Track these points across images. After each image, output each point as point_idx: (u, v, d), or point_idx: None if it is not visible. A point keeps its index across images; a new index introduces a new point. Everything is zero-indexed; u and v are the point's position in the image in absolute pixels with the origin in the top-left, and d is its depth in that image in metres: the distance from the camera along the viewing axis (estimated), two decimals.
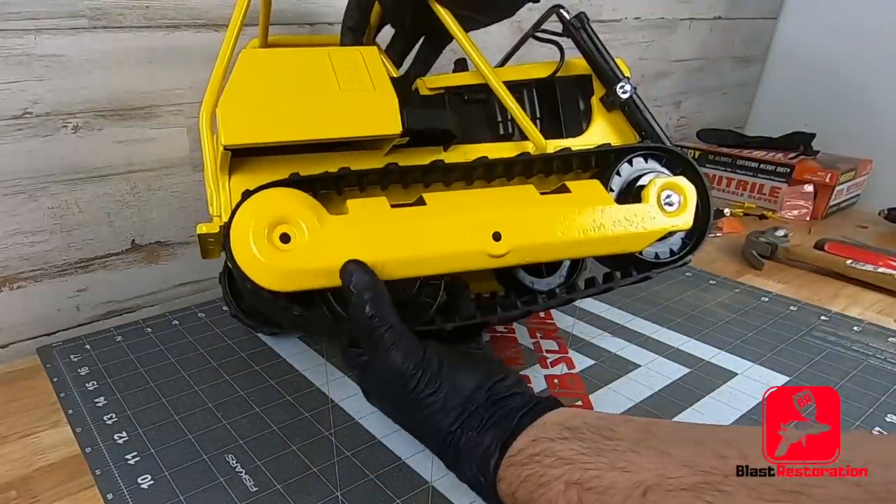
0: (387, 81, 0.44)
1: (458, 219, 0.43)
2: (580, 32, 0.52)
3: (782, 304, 0.69)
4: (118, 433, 0.46)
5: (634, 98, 0.52)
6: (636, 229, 0.47)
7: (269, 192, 0.40)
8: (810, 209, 0.98)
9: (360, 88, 0.43)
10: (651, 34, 1.05)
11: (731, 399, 0.51)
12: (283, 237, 0.39)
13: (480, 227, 0.43)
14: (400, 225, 0.42)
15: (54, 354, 0.57)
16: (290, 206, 0.40)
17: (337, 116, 0.43)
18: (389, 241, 0.42)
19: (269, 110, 0.41)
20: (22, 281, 0.58)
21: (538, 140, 0.49)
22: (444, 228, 0.43)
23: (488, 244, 0.43)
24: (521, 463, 0.32)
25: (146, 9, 0.57)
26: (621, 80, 0.51)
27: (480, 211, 0.44)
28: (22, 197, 0.56)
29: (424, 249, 0.42)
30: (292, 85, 0.43)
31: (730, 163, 1.06)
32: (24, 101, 0.54)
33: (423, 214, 0.43)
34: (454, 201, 0.44)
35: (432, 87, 0.51)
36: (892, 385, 0.53)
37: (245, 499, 0.40)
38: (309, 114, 0.42)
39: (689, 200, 0.49)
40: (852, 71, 1.17)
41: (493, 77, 0.48)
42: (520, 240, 0.44)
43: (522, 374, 0.54)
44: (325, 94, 0.43)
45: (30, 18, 0.52)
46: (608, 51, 0.52)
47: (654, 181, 0.48)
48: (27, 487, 0.42)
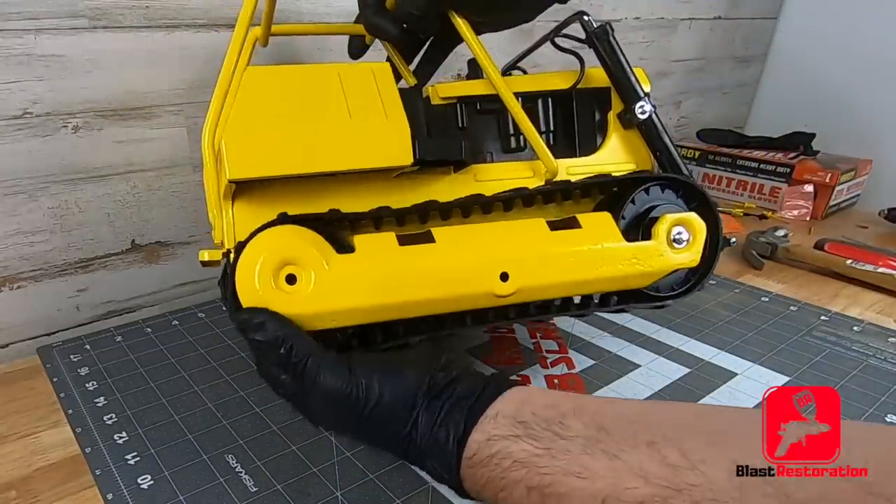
0: (399, 106, 0.43)
1: (466, 258, 0.42)
2: (604, 44, 0.49)
3: (782, 304, 0.69)
4: (118, 433, 0.46)
5: (653, 118, 0.50)
6: (643, 268, 0.47)
7: (275, 231, 0.39)
8: (810, 209, 0.98)
9: (372, 116, 0.42)
10: (651, 34, 1.05)
11: (731, 399, 0.51)
12: (288, 278, 0.39)
13: (488, 268, 0.43)
14: (408, 266, 0.41)
15: (54, 354, 0.57)
16: (297, 247, 0.39)
17: (347, 147, 0.41)
18: (397, 283, 0.41)
19: (275, 141, 0.40)
20: (22, 281, 0.58)
21: (549, 162, 0.48)
22: (452, 269, 0.42)
23: (495, 285, 0.43)
24: (480, 464, 0.32)
25: (146, 9, 0.57)
26: (642, 99, 0.49)
27: (489, 249, 0.43)
28: (22, 197, 0.56)
29: (432, 292, 0.42)
30: (300, 110, 0.41)
31: (730, 163, 1.06)
32: (24, 101, 0.54)
33: (432, 253, 0.42)
34: (463, 238, 0.43)
35: (444, 95, 0.49)
36: (892, 385, 0.53)
37: (245, 499, 0.40)
38: (318, 144, 0.41)
39: (698, 238, 0.48)
40: (852, 71, 1.17)
41: (507, 93, 0.46)
42: (527, 281, 0.44)
43: (522, 374, 0.54)
44: (335, 121, 0.41)
45: (30, 18, 0.52)
46: (630, 65, 0.50)
47: (665, 217, 0.47)
48: (27, 487, 0.42)
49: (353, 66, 0.44)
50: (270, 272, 0.38)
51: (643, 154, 0.52)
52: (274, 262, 0.38)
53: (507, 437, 0.32)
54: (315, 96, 0.42)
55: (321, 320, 0.40)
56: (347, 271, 0.40)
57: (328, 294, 0.39)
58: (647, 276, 0.48)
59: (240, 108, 0.40)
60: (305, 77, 0.42)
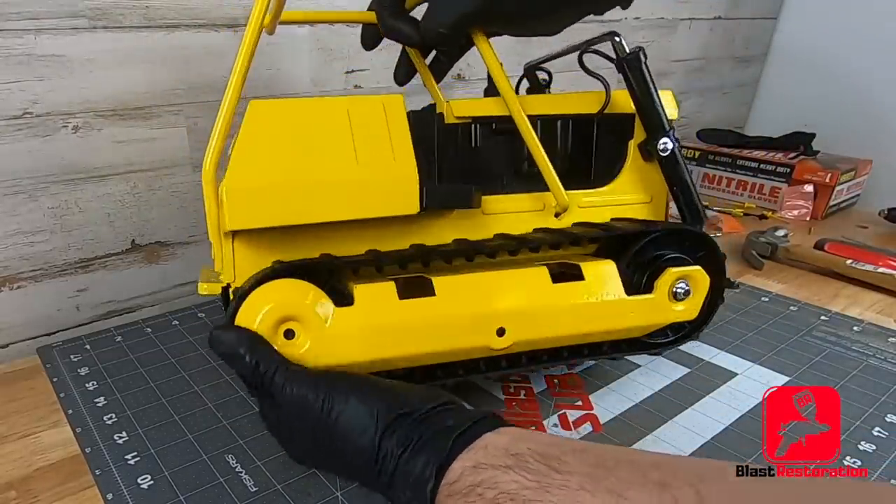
0: (408, 148, 0.41)
1: (464, 313, 0.42)
2: (635, 71, 0.46)
3: (782, 304, 0.69)
4: (118, 433, 0.46)
5: (676, 154, 0.48)
6: (641, 322, 0.47)
7: (274, 287, 0.38)
8: (810, 209, 0.98)
9: (379, 161, 0.40)
10: (651, 34, 1.05)
11: (731, 399, 0.51)
12: (286, 333, 0.39)
13: (486, 323, 0.42)
14: (406, 320, 0.41)
15: (54, 354, 0.57)
16: (295, 304, 0.38)
17: (351, 196, 0.40)
18: (394, 338, 0.41)
19: (277, 190, 0.39)
20: (22, 281, 0.58)
21: (560, 197, 0.47)
22: (450, 324, 0.42)
23: (492, 340, 0.43)
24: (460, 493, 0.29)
25: (146, 9, 0.57)
26: (667, 134, 0.47)
27: (488, 303, 0.42)
28: (22, 197, 0.56)
29: (428, 347, 0.42)
30: (304, 154, 0.39)
31: (730, 163, 1.06)
32: (24, 101, 0.54)
33: (431, 307, 0.41)
34: (463, 289, 0.42)
35: (459, 114, 0.47)
36: (892, 385, 0.53)
37: (245, 499, 0.40)
38: (321, 194, 0.40)
39: (700, 292, 0.48)
40: (852, 71, 1.17)
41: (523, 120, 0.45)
42: (524, 335, 0.44)
43: None
44: (341, 168, 0.40)
45: (30, 18, 0.52)
46: (659, 94, 0.47)
47: (670, 271, 0.46)
48: (27, 487, 0.42)
49: (363, 101, 0.41)
50: (268, 328, 0.38)
51: (660, 187, 0.50)
52: (272, 319, 0.38)
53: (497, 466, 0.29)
54: (321, 137, 0.40)
55: None
56: (345, 326, 0.39)
57: (325, 350, 0.39)
58: (642, 329, 0.48)
59: (241, 149, 0.38)
60: (312, 113, 0.40)
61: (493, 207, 0.47)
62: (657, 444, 0.46)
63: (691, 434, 0.47)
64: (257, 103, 0.39)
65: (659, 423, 0.48)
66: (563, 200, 0.47)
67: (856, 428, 0.48)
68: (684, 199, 0.49)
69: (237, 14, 0.62)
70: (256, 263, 0.41)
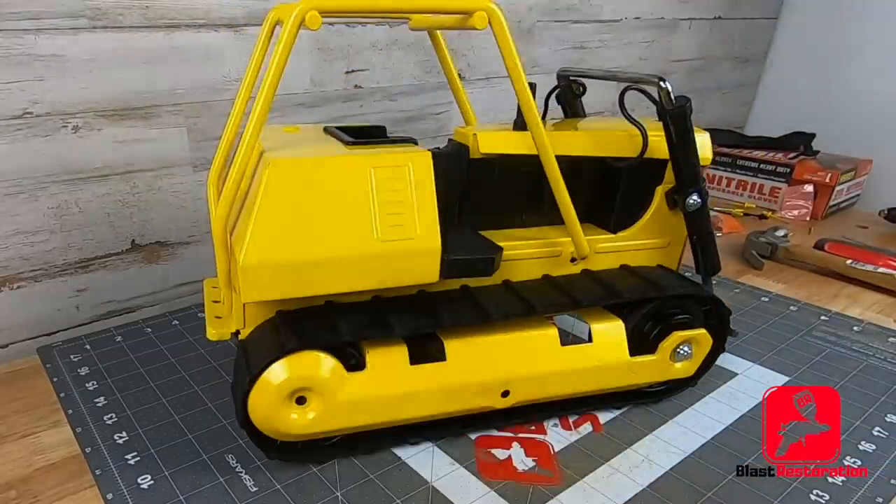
0: (433, 211, 0.39)
1: (473, 378, 0.43)
2: (678, 125, 0.44)
3: (782, 304, 0.69)
4: (118, 433, 0.46)
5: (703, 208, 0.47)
6: (640, 381, 0.48)
7: (288, 361, 0.39)
8: (810, 209, 0.98)
9: (401, 231, 0.39)
10: (651, 34, 1.05)
11: (731, 399, 0.51)
12: (299, 399, 0.40)
13: (493, 387, 0.44)
14: (417, 386, 0.42)
15: (54, 354, 0.57)
16: (309, 375, 0.39)
17: (371, 270, 0.39)
18: (403, 403, 0.42)
19: (295, 266, 0.37)
20: (22, 281, 0.58)
21: (581, 247, 0.46)
22: (458, 389, 0.43)
23: (496, 401, 0.44)
24: None
25: (146, 9, 0.57)
26: (697, 189, 0.46)
27: (497, 368, 0.43)
28: (22, 197, 0.56)
29: (435, 409, 0.43)
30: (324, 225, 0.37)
31: (730, 163, 1.06)
32: (24, 101, 0.54)
33: (441, 373, 0.42)
34: (473, 353, 0.43)
35: (486, 151, 0.45)
36: (892, 385, 0.53)
37: (245, 499, 0.40)
38: (340, 269, 0.38)
39: (701, 353, 0.49)
40: (852, 71, 1.17)
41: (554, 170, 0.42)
42: (527, 395, 0.45)
43: None
44: (361, 242, 0.38)
45: (30, 18, 0.52)
46: (696, 149, 0.46)
47: (675, 335, 0.47)
48: (27, 487, 0.42)
49: (389, 159, 0.39)
50: (282, 399, 0.39)
51: (678, 232, 0.50)
52: (286, 391, 0.39)
53: None
54: (342, 203, 0.38)
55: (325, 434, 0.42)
56: (356, 392, 0.40)
57: (336, 415, 0.41)
58: (640, 384, 0.49)
59: (261, 217, 0.36)
60: (334, 176, 0.38)
61: (510, 253, 0.46)
62: (657, 443, 0.46)
63: (691, 434, 0.47)
64: (279, 163, 0.37)
65: (659, 423, 0.48)
66: (584, 251, 0.47)
67: (856, 428, 0.48)
68: (702, 250, 0.49)
69: (237, 14, 0.62)
70: (265, 312, 0.42)
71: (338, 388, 0.40)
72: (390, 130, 0.48)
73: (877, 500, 0.41)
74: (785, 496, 0.41)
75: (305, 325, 0.40)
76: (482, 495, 0.41)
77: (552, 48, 0.91)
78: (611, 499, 0.41)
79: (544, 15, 0.88)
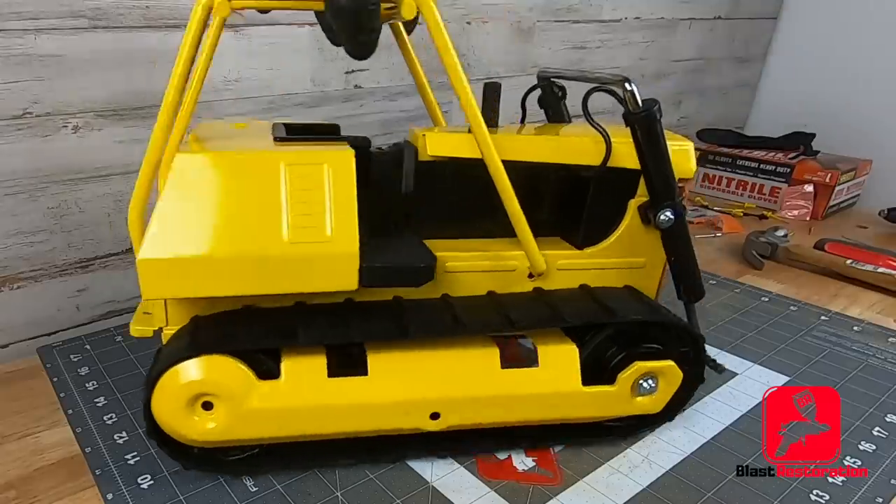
0: (351, 214, 0.36)
1: (396, 397, 0.39)
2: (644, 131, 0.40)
3: (782, 304, 0.69)
4: (118, 433, 0.46)
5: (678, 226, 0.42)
6: (595, 413, 0.43)
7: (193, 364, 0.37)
8: (810, 209, 0.98)
9: (313, 234, 0.36)
10: (651, 34, 1.05)
11: (731, 399, 0.51)
12: (205, 405, 0.38)
13: (419, 407, 0.40)
14: (335, 399, 0.39)
15: (54, 354, 0.57)
16: (214, 380, 0.37)
17: (279, 272, 0.36)
18: (319, 417, 0.39)
19: (196, 264, 0.35)
20: (22, 281, 0.58)
21: (536, 262, 0.42)
22: (381, 406, 0.39)
23: (425, 423, 0.41)
24: None
25: (146, 9, 0.57)
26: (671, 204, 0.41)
27: (424, 388, 0.40)
28: (22, 197, 0.56)
29: (354, 426, 0.40)
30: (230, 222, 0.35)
31: (730, 163, 1.06)
32: (24, 101, 0.54)
33: (362, 388, 0.39)
34: (398, 370, 0.40)
35: (435, 153, 0.41)
36: (892, 385, 0.53)
37: (245, 499, 0.40)
38: (244, 269, 0.36)
39: (669, 387, 0.43)
40: (852, 71, 1.17)
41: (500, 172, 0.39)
42: (461, 420, 0.41)
43: None
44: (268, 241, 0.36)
45: (30, 18, 0.52)
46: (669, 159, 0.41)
47: (636, 366, 0.42)
48: (27, 487, 0.42)
49: (304, 156, 0.37)
50: (185, 403, 0.37)
51: (657, 251, 0.44)
52: (189, 395, 0.37)
53: None
54: (250, 202, 0.36)
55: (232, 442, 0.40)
56: (267, 402, 0.38)
57: (244, 424, 0.38)
58: (596, 418, 0.44)
59: (163, 211, 0.35)
60: (241, 172, 0.36)
61: (457, 263, 0.42)
62: (657, 443, 0.46)
63: (691, 434, 0.47)
64: (185, 157, 0.36)
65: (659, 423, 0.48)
66: (539, 266, 0.43)
67: (856, 428, 0.48)
68: (682, 273, 0.44)
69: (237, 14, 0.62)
70: (189, 310, 0.40)
71: (246, 395, 0.38)
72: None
73: (877, 500, 0.41)
74: (785, 496, 0.41)
75: (209, 330, 0.39)
76: (482, 495, 0.41)
77: (552, 48, 0.91)
78: (611, 499, 0.41)
79: (544, 15, 0.88)
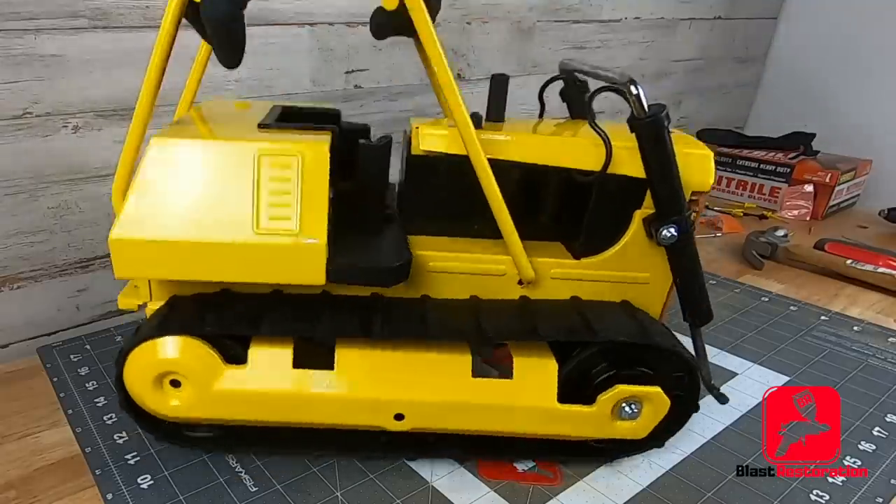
0: (322, 207, 0.36)
1: (360, 394, 0.39)
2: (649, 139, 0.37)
3: (782, 304, 0.69)
4: (118, 433, 0.46)
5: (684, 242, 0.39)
6: (571, 433, 0.41)
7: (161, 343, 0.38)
8: (810, 209, 0.98)
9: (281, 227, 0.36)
10: (651, 34, 1.05)
11: (731, 399, 0.51)
12: (173, 382, 0.39)
13: (382, 407, 0.40)
14: (298, 392, 0.39)
15: (54, 354, 0.57)
16: (179, 361, 0.38)
17: (246, 262, 0.36)
18: (286, 405, 0.40)
19: (166, 247, 0.36)
20: (22, 281, 0.58)
21: (525, 270, 0.40)
22: (343, 402, 0.40)
23: (388, 423, 0.40)
24: None
25: (146, 9, 0.57)
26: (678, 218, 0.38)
27: (388, 387, 0.39)
28: (22, 197, 0.56)
29: (321, 418, 0.41)
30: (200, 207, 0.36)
31: (730, 163, 1.06)
32: (24, 101, 0.54)
33: (326, 382, 0.39)
34: (365, 368, 0.39)
35: (427, 149, 0.40)
36: (892, 385, 0.53)
37: (245, 499, 0.40)
38: (213, 255, 0.36)
39: (655, 414, 0.41)
40: (852, 71, 1.17)
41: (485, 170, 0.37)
42: (425, 423, 0.41)
43: None
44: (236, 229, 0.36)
45: (30, 18, 0.52)
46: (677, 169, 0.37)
47: (617, 389, 0.39)
48: (27, 487, 0.42)
49: (278, 146, 0.36)
50: (153, 379, 0.39)
51: (664, 268, 0.41)
52: (156, 372, 0.39)
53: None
54: (218, 187, 0.36)
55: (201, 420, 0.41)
56: (231, 386, 0.39)
57: (209, 405, 0.40)
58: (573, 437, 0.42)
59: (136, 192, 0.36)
60: (213, 159, 0.36)
61: (442, 263, 0.41)
62: None
63: (691, 434, 0.47)
64: (161, 141, 0.36)
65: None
66: (527, 273, 0.40)
67: (856, 428, 0.48)
68: (687, 294, 0.41)
69: None
70: (170, 288, 0.41)
71: (212, 378, 0.39)
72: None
73: (877, 500, 0.41)
74: (785, 496, 0.41)
75: (181, 311, 0.40)
76: (482, 495, 0.41)
77: (552, 48, 0.91)
78: (611, 499, 0.41)
79: (544, 15, 0.88)
